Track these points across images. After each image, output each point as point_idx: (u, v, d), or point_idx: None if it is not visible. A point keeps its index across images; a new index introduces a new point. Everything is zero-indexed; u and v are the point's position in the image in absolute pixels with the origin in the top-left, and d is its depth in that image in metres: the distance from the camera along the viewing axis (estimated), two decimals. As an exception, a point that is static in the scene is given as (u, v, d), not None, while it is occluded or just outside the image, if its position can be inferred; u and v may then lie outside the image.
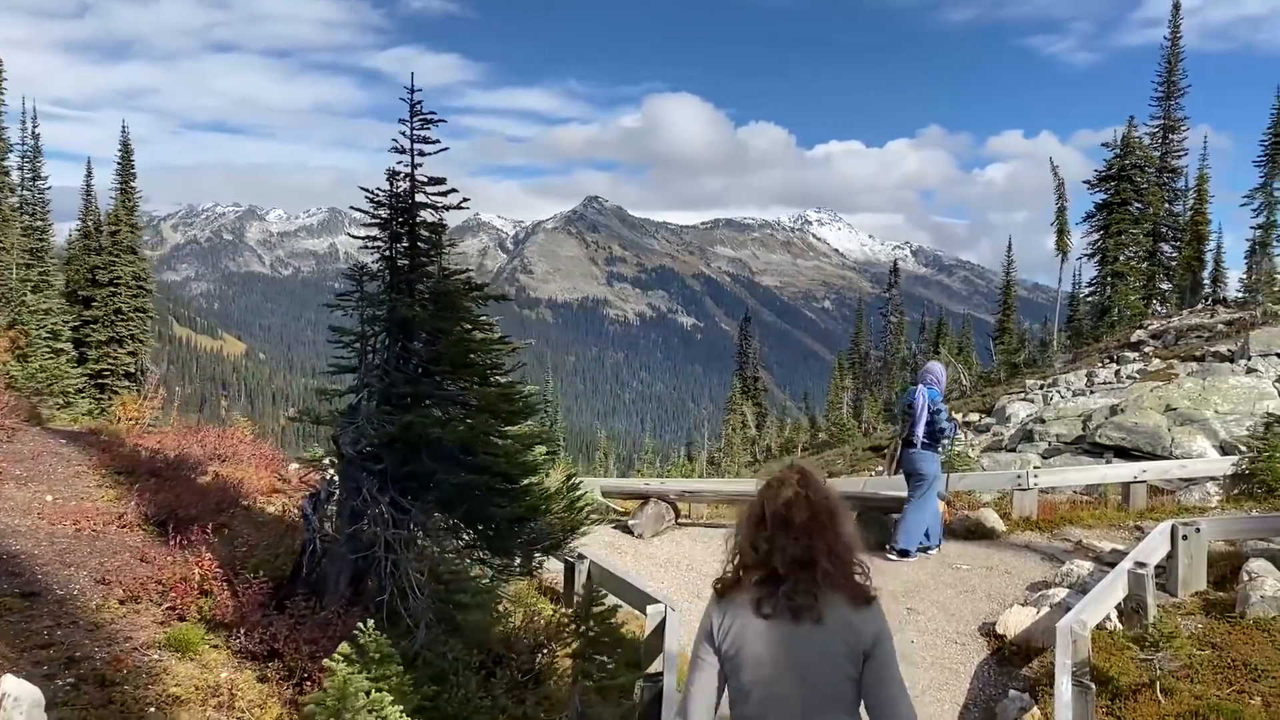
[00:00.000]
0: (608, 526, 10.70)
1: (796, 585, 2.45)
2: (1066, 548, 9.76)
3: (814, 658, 2.44)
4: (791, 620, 2.44)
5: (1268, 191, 29.42)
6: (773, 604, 2.47)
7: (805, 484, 2.55)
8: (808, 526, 2.48)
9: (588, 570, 7.88)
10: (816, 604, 2.44)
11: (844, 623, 2.46)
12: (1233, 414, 19.73)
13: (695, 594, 8.54)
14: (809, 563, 2.46)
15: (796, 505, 2.50)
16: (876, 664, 2.48)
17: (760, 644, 2.46)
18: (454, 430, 5.82)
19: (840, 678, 2.44)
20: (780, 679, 2.45)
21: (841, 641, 2.45)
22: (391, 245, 6.27)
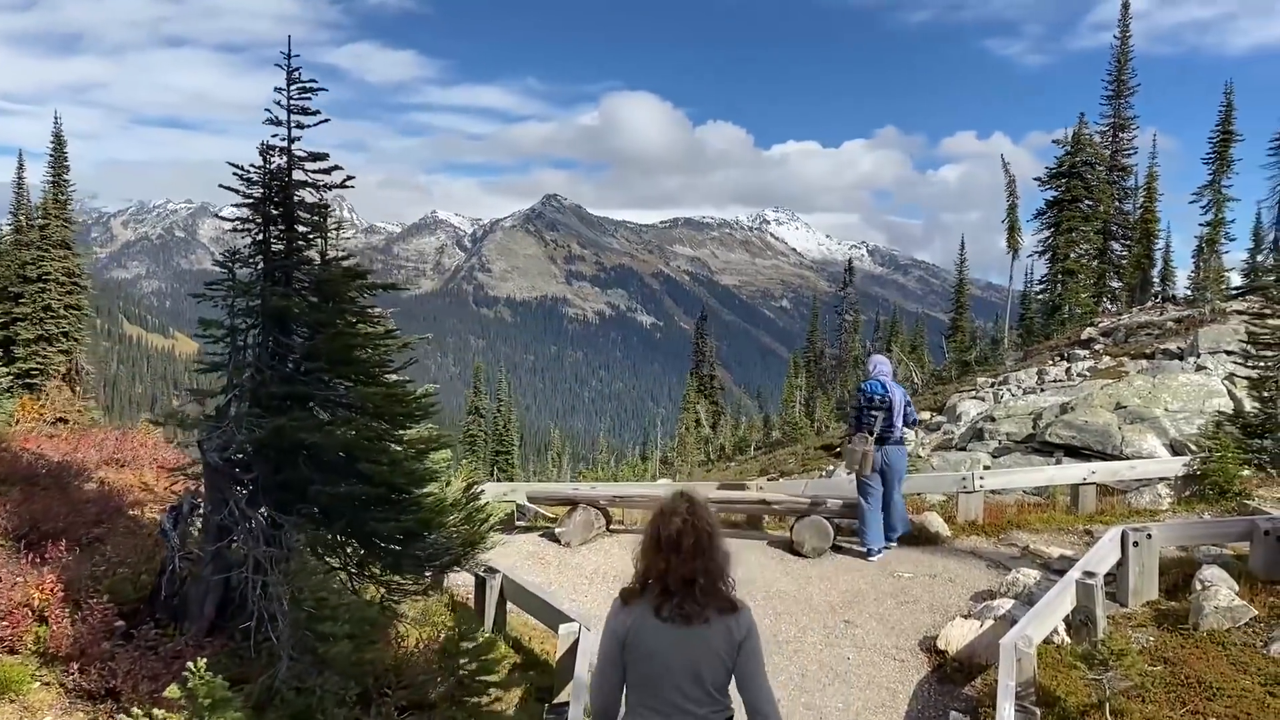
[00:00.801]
0: (535, 535, 10.08)
1: (685, 597, 3.03)
2: (1013, 553, 9.31)
3: (700, 652, 3.02)
4: (684, 624, 3.01)
5: (1216, 189, 29.45)
6: (668, 610, 3.03)
7: (691, 513, 3.13)
8: (693, 550, 3.07)
9: (500, 586, 7.26)
10: (702, 611, 3.03)
11: (722, 625, 3.06)
12: (1183, 412, 19.56)
13: (620, 608, 7.96)
14: (693, 580, 3.05)
15: (684, 533, 3.08)
16: (745, 655, 3.08)
17: (658, 641, 3.04)
18: (332, 435, 5.19)
19: (719, 666, 3.04)
20: (674, 668, 3.02)
21: (720, 639, 3.04)
22: (265, 228, 5.61)
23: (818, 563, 9.22)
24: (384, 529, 5.31)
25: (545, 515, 10.71)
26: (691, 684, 3.01)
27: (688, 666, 3.01)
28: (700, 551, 3.09)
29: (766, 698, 3.09)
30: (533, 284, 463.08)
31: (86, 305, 31.77)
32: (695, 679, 3.01)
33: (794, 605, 8.06)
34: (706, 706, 3.04)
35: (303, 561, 4.64)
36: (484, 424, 53.18)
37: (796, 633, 7.50)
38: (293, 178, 5.60)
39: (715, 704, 3.05)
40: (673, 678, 3.01)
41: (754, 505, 9.91)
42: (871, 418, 9.36)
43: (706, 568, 3.10)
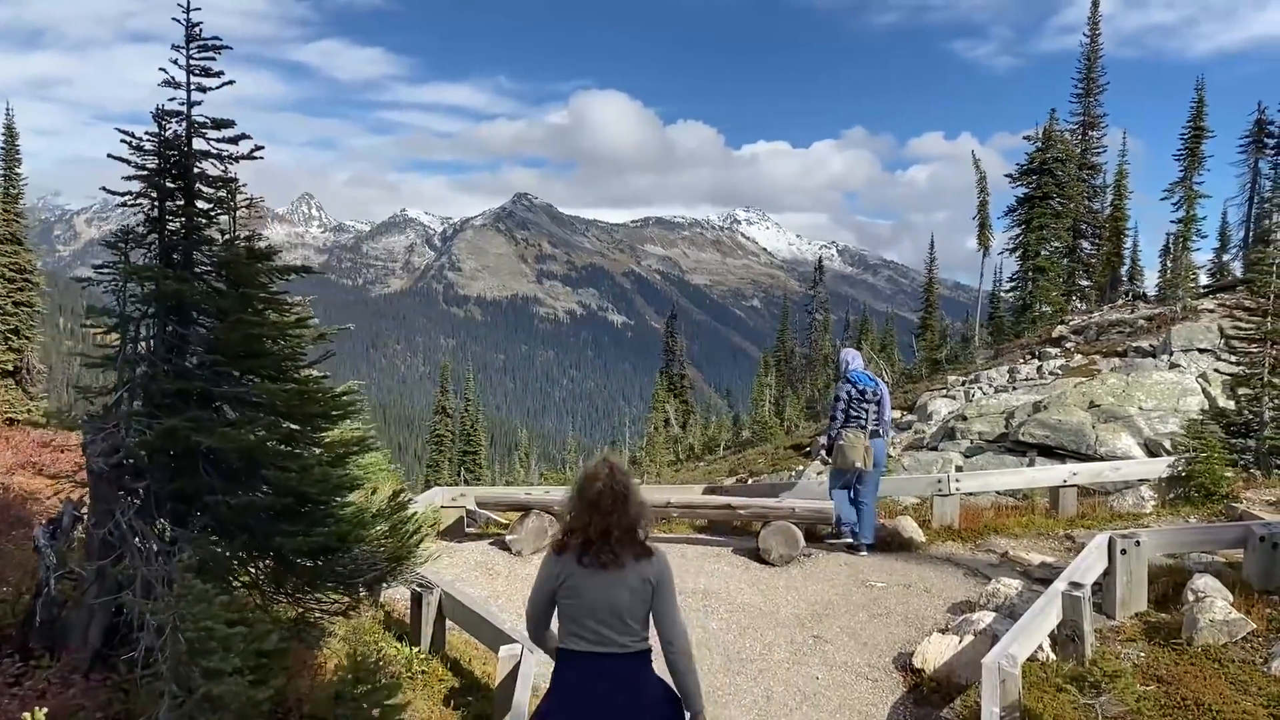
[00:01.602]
0: (484, 543, 9.45)
1: (603, 547, 3.47)
2: (992, 560, 8.80)
3: (617, 591, 3.47)
4: (602, 569, 3.47)
5: (1188, 185, 29.25)
6: (589, 558, 3.48)
7: (610, 477, 3.57)
8: (611, 509, 3.50)
9: (437, 602, 6.64)
10: (618, 559, 3.47)
11: (636, 569, 3.50)
12: (1157, 410, 19.23)
13: (572, 623, 7.36)
14: (609, 533, 3.48)
15: (604, 494, 3.52)
16: (659, 595, 3.53)
17: (582, 583, 3.49)
18: (233, 438, 4.54)
19: (635, 603, 3.49)
20: (596, 605, 3.48)
21: (635, 580, 3.48)
22: (161, 204, 4.95)
23: (785, 571, 8.66)
24: (292, 544, 4.67)
25: (498, 521, 10.09)
26: (610, 617, 3.49)
27: (607, 603, 3.49)
28: (616, 509, 3.52)
29: (678, 631, 3.59)
30: (503, 283, 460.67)
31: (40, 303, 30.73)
32: (613, 613, 3.49)
33: (759, 619, 7.49)
34: (624, 635, 3.52)
35: (188, 583, 4.00)
36: (451, 424, 52.49)
37: (762, 649, 6.94)
38: (192, 147, 4.95)
39: (632, 633, 3.53)
40: (595, 613, 3.49)
41: (718, 510, 9.34)
42: (863, 410, 8.98)
43: (621, 523, 3.52)
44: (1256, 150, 31.31)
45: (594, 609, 3.49)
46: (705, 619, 7.46)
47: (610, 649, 3.51)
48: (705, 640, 7.07)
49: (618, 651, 3.51)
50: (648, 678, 3.59)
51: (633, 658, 3.54)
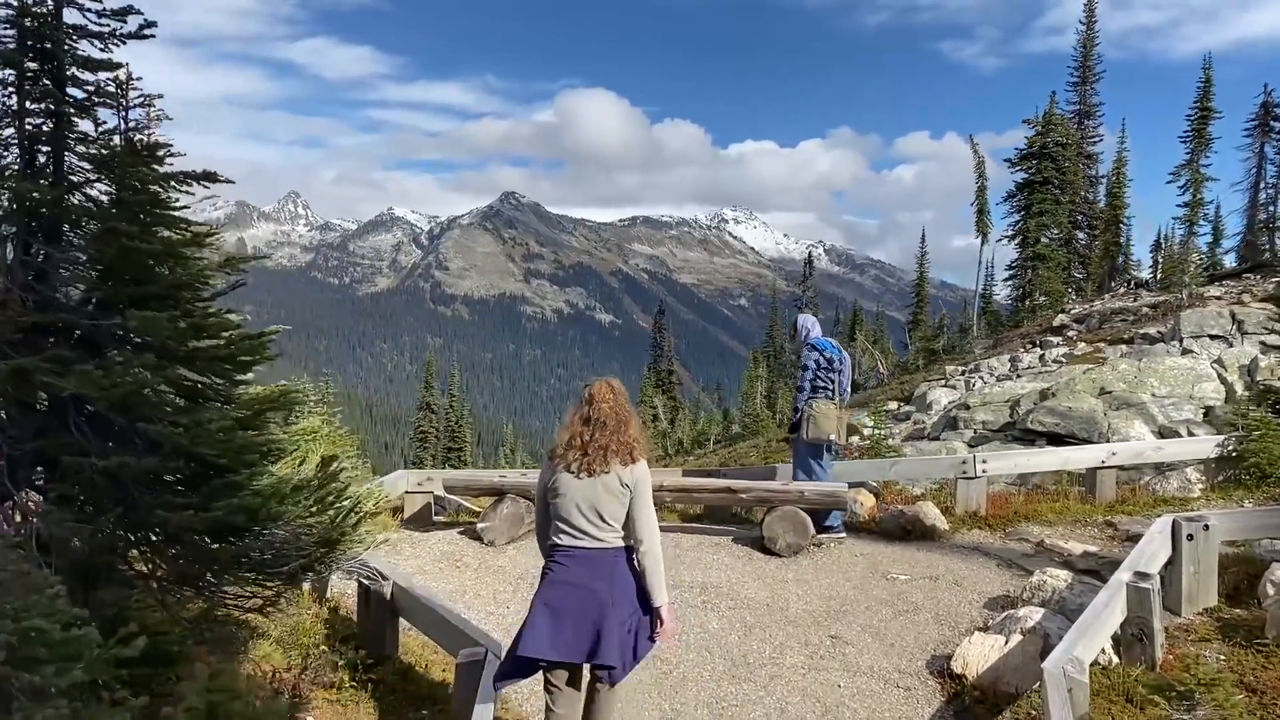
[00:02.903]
0: (454, 532, 8.39)
1: (592, 458, 3.92)
2: (1026, 550, 7.80)
3: (597, 493, 3.90)
4: (588, 475, 3.92)
5: (1194, 168, 28.29)
6: (576, 466, 3.93)
7: (609, 397, 4.05)
8: (601, 426, 3.96)
9: (389, 596, 5.59)
10: (604, 466, 3.91)
11: (615, 475, 3.92)
12: (1171, 397, 18.31)
13: (550, 622, 6.31)
14: (605, 447, 3.94)
15: (603, 413, 3.99)
16: (636, 497, 3.95)
17: (568, 487, 3.94)
18: (96, 381, 3.48)
19: (613, 503, 3.92)
20: (579, 505, 3.92)
21: (615, 484, 3.92)
22: (20, 90, 3.89)
23: (794, 563, 7.65)
24: (181, 520, 3.62)
25: (470, 509, 9.05)
26: (591, 514, 3.90)
27: (589, 503, 3.89)
28: (605, 427, 3.93)
29: (648, 532, 3.92)
30: (491, 282, 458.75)
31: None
32: (594, 511, 3.89)
33: (767, 616, 6.47)
34: (603, 530, 3.90)
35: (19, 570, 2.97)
36: (435, 420, 51.50)
37: (772, 652, 5.91)
38: (62, 19, 3.89)
39: (609, 529, 3.91)
40: (578, 511, 3.90)
41: (717, 495, 8.29)
42: (829, 380, 8.22)
43: (611, 440, 3.92)
44: (1263, 134, 30.42)
45: (576, 508, 3.91)
46: (705, 617, 6.44)
47: (588, 543, 3.92)
48: (705, 642, 6.06)
49: (595, 546, 3.92)
50: (621, 570, 3.94)
51: (609, 551, 3.93)
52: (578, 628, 3.81)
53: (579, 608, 3.82)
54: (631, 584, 3.94)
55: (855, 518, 8.57)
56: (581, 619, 3.82)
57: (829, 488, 7.98)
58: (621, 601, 3.87)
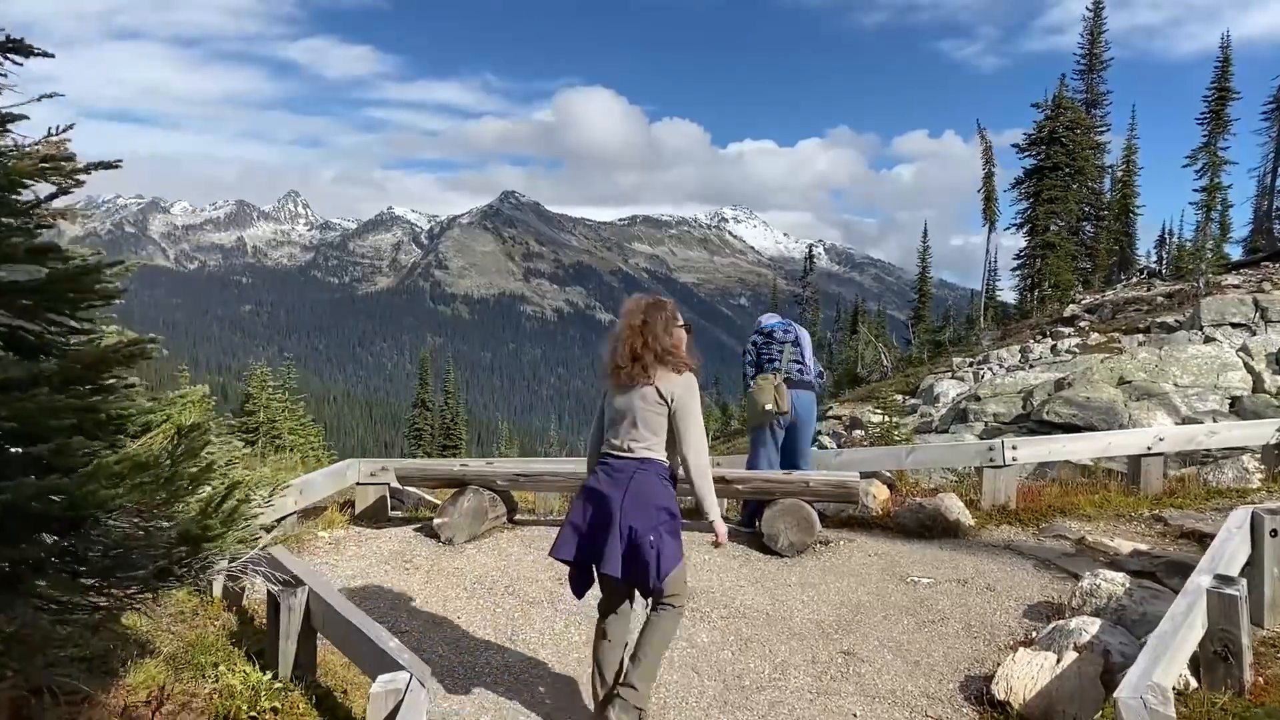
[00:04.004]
0: (410, 529, 7.36)
1: (631, 370, 3.91)
2: (1065, 549, 6.77)
3: (637, 404, 3.90)
4: (630, 385, 3.92)
5: (1211, 151, 27.17)
6: (616, 379, 3.97)
7: (644, 309, 4.00)
8: (640, 336, 3.93)
9: (303, 607, 4.57)
10: (643, 376, 3.89)
11: (654, 388, 3.88)
12: (1194, 387, 17.32)
13: (509, 637, 5.28)
14: (641, 358, 3.88)
15: (640, 326, 3.95)
16: (678, 413, 3.89)
17: (613, 398, 4.00)
18: None
19: (652, 415, 3.90)
20: (623, 414, 3.94)
21: (654, 395, 3.88)
22: None
23: (798, 564, 6.62)
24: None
25: (434, 502, 8.04)
26: (625, 425, 3.96)
27: (624, 414, 3.95)
28: (643, 336, 3.92)
29: (691, 448, 3.93)
30: (490, 281, 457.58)
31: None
32: (628, 422, 3.94)
33: (767, 628, 5.45)
34: (632, 441, 3.93)
35: None
36: (430, 418, 50.63)
37: (772, 673, 4.89)
38: None
39: (639, 440, 3.93)
40: (614, 422, 4.00)
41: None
42: (775, 353, 7.34)
43: (658, 349, 3.91)
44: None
45: (616, 419, 3.97)
46: (693, 629, 5.41)
47: (615, 453, 3.97)
48: (692, 659, 5.04)
49: (621, 455, 3.94)
50: (640, 480, 3.88)
51: (632, 461, 3.92)
52: (593, 533, 3.90)
53: (595, 515, 3.90)
54: (654, 495, 3.89)
55: (868, 512, 7.54)
56: (596, 525, 3.89)
57: (838, 477, 6.96)
58: (634, 511, 3.81)
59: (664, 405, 3.87)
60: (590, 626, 5.38)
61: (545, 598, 5.81)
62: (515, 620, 5.49)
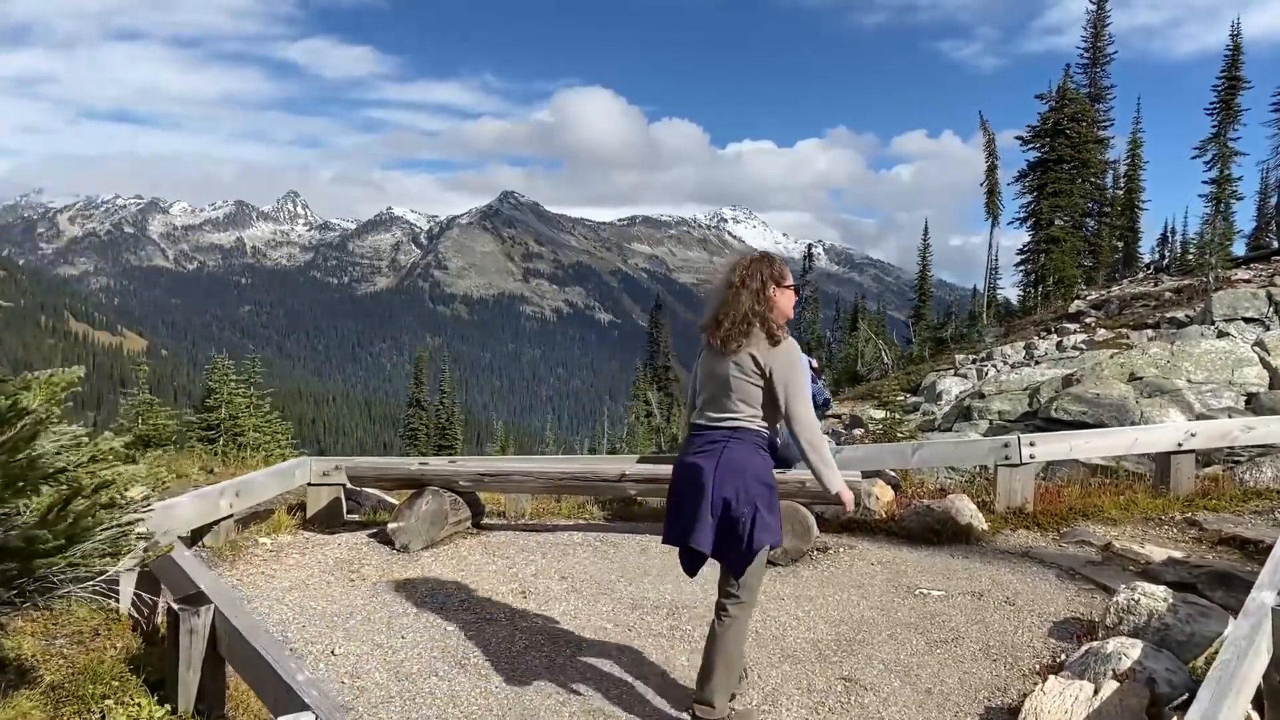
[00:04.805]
0: (364, 534, 6.66)
1: (724, 333, 3.63)
2: (1090, 556, 6.09)
3: (730, 370, 3.62)
4: (722, 350, 3.65)
5: (1221, 141, 26.44)
6: (712, 340, 3.69)
7: (750, 268, 3.73)
8: (733, 299, 3.66)
9: (207, 631, 3.88)
10: (733, 340, 3.61)
11: (749, 354, 3.60)
12: (1208, 383, 16.60)
13: (458, 661, 4.59)
14: (735, 322, 3.62)
15: (738, 285, 3.68)
16: (776, 382, 3.58)
17: (706, 362, 3.76)
18: None
19: (745, 384, 3.61)
20: (714, 380, 3.68)
21: (749, 361, 3.59)
22: None
23: (792, 574, 5.93)
24: None
25: (394, 504, 7.34)
26: (716, 391, 3.68)
27: (715, 380, 3.68)
28: (741, 297, 3.65)
29: (797, 420, 3.58)
30: (490, 281, 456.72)
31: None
32: (726, 390, 3.64)
33: (755, 649, 4.74)
34: (723, 409, 3.65)
35: None
36: (426, 417, 49.98)
37: (761, 702, 4.19)
38: None
39: (730, 409, 3.64)
40: (713, 387, 3.70)
41: (695, 486, 6.56)
42: None
43: (740, 312, 3.62)
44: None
45: (708, 385, 3.75)
46: (671, 651, 4.71)
47: (705, 422, 3.73)
48: (669, 688, 4.34)
49: (711, 424, 3.70)
50: (732, 451, 3.61)
51: (723, 430, 3.65)
52: (682, 508, 3.71)
53: (684, 488, 3.71)
54: (747, 467, 3.59)
55: (870, 515, 6.85)
56: (686, 500, 3.69)
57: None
58: (725, 483, 3.56)
59: (760, 376, 3.60)
60: (555, 648, 4.71)
61: (504, 614, 5.12)
62: (468, 640, 4.79)
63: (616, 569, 5.93)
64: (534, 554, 6.23)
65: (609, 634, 4.89)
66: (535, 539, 6.60)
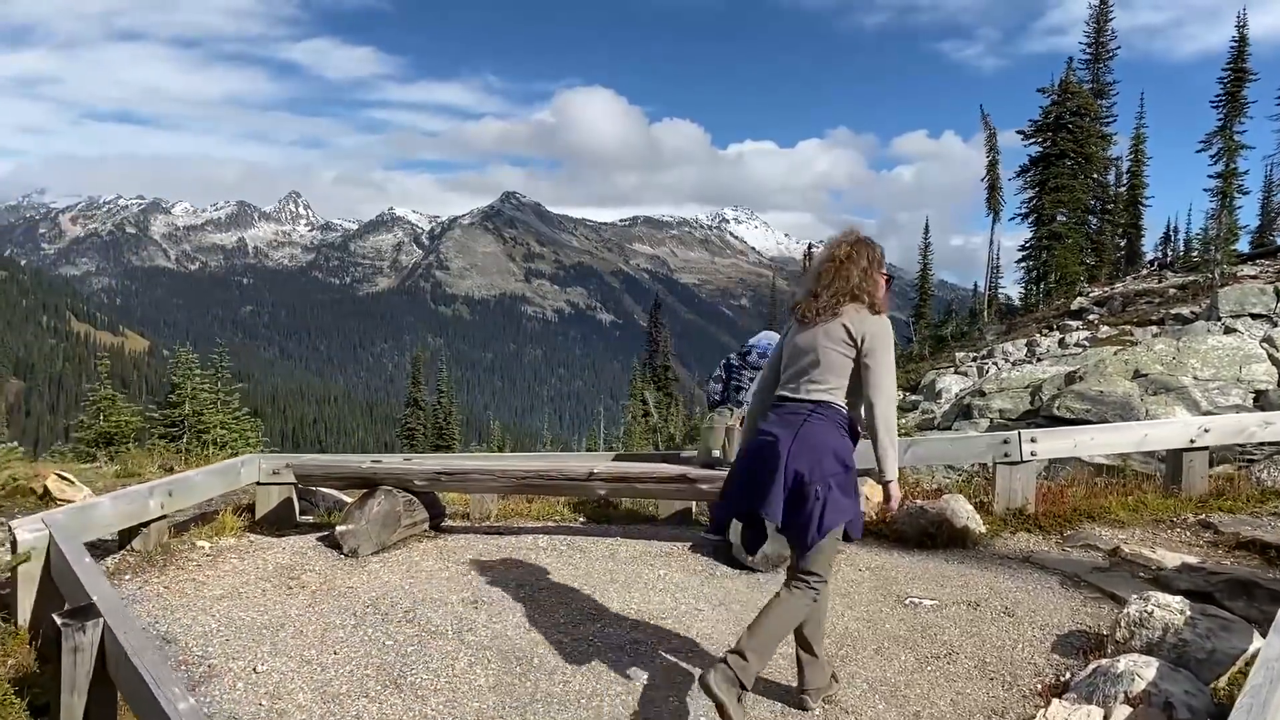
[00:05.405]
0: (313, 538, 6.18)
1: (817, 307, 3.58)
2: (1096, 562, 5.61)
3: (819, 342, 3.55)
4: (812, 322, 3.59)
5: (1227, 135, 25.89)
6: (808, 312, 3.62)
7: (855, 246, 3.65)
8: (829, 274, 3.61)
9: (95, 646, 3.42)
10: (824, 313, 3.56)
11: (840, 325, 3.53)
12: (1215, 380, 16.12)
13: (393, 679, 4.11)
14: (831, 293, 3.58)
15: (843, 259, 3.61)
16: (866, 352, 3.49)
17: (794, 335, 3.68)
18: None
19: (834, 356, 3.53)
20: (795, 355, 3.63)
21: (840, 331, 3.52)
22: None
23: (773, 580, 5.44)
24: None
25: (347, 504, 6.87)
26: (806, 365, 3.57)
27: (805, 352, 3.59)
28: (832, 275, 3.59)
29: (876, 394, 3.48)
30: (491, 282, 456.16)
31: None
32: (814, 362, 3.55)
33: (726, 666, 4.27)
34: (808, 382, 3.55)
35: None
36: (423, 417, 49.56)
37: (728, 730, 3.72)
38: None
39: (816, 382, 3.54)
40: (800, 360, 3.61)
41: (667, 486, 6.06)
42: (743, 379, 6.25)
43: (842, 287, 3.56)
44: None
45: (794, 358, 3.65)
46: (632, 670, 4.24)
47: (789, 394, 3.62)
48: (626, 710, 3.87)
49: (795, 396, 3.59)
50: (814, 425, 3.51)
51: (806, 404, 3.56)
52: (754, 477, 3.57)
53: (759, 457, 3.57)
54: (827, 443, 3.49)
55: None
56: (759, 469, 3.55)
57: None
58: (802, 456, 3.45)
59: (852, 346, 3.53)
60: (503, 663, 4.24)
61: (451, 627, 4.64)
62: (408, 656, 4.31)
63: (580, 576, 5.45)
64: (492, 559, 5.74)
65: (564, 648, 4.42)
66: (497, 543, 6.12)
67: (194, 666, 4.13)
